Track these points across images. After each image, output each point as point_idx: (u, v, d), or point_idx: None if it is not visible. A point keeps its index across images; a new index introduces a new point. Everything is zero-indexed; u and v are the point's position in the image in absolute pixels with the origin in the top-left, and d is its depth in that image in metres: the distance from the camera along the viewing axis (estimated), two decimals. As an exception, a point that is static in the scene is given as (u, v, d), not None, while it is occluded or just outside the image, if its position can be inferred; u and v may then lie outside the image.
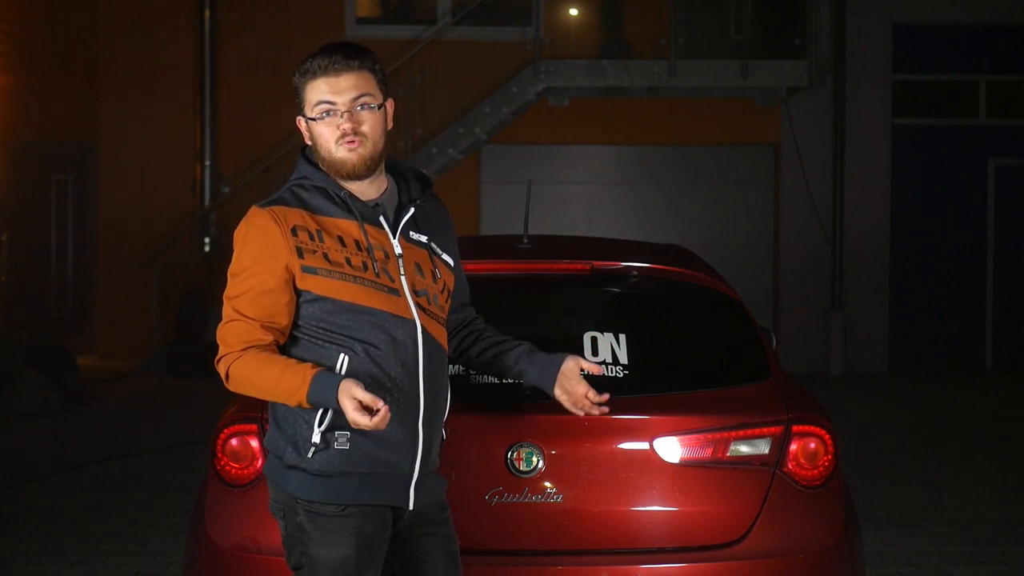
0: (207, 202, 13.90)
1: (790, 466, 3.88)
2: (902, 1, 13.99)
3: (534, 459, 3.79)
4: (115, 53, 14.08)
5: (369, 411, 2.94)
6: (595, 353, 4.01)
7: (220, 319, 3.27)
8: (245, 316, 3.10)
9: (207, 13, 13.88)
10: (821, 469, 3.92)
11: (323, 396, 2.99)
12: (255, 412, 3.90)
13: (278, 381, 3.03)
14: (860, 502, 6.61)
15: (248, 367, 3.08)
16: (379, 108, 3.13)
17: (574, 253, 4.60)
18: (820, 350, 13.90)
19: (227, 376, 3.12)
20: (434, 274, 3.23)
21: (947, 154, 14.20)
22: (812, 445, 3.91)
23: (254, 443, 3.86)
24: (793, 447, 3.89)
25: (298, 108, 3.18)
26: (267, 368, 3.05)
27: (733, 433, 3.86)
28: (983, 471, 8.64)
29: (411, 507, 3.16)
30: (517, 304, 4.29)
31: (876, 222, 14.05)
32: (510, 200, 13.08)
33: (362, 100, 3.10)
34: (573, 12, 14.44)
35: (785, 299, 14.13)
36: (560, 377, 3.34)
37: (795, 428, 3.90)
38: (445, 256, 3.29)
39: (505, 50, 13.56)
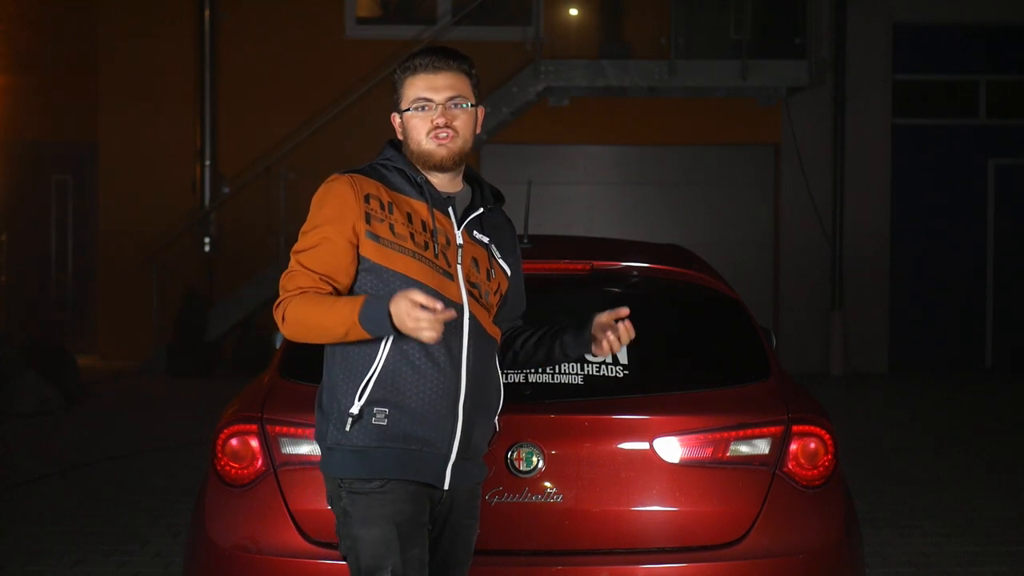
0: (207, 202, 13.90)
1: (790, 466, 3.88)
2: (902, 1, 13.99)
3: (534, 459, 3.79)
4: (115, 53, 14.08)
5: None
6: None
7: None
8: (306, 268, 3.21)
9: (207, 13, 13.87)
10: (821, 469, 3.92)
11: (375, 312, 3.06)
12: (255, 412, 3.91)
13: (329, 311, 3.12)
14: (860, 502, 6.62)
15: (302, 306, 3.17)
16: (471, 107, 3.30)
17: (574, 253, 4.61)
18: (820, 350, 13.90)
19: (283, 318, 3.20)
20: (489, 273, 3.34)
21: (947, 154, 14.19)
22: (812, 445, 3.91)
23: (254, 443, 3.87)
24: (793, 447, 3.89)
25: (394, 104, 3.34)
26: (319, 303, 3.15)
27: (733, 433, 3.86)
28: (983, 471, 8.63)
29: (446, 487, 3.24)
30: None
31: (876, 222, 14.04)
32: (510, 200, 13.00)
33: (456, 99, 3.27)
34: (573, 12, 14.44)
35: (785, 299, 14.13)
36: (596, 335, 3.37)
37: (795, 428, 3.90)
38: (503, 263, 3.40)
39: (505, 50, 13.56)
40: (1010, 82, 14.24)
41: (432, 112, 3.25)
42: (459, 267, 3.26)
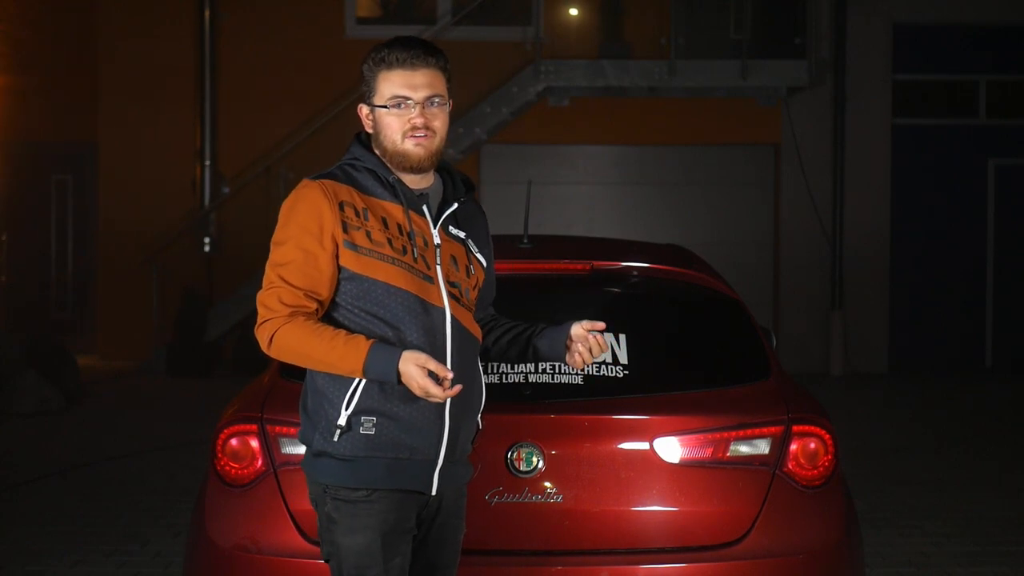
0: (207, 202, 13.90)
1: (790, 466, 3.88)
2: (902, 1, 13.99)
3: (534, 459, 3.79)
4: (115, 53, 14.08)
5: (435, 380, 3.02)
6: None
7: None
8: (289, 283, 3.11)
9: (207, 13, 13.88)
10: (821, 469, 3.92)
11: (383, 366, 3.03)
12: (255, 412, 3.90)
13: (330, 349, 3.05)
14: (860, 502, 6.62)
15: (296, 334, 3.08)
16: (446, 106, 3.22)
17: (574, 253, 4.60)
18: (820, 350, 13.90)
19: (270, 341, 3.11)
20: (468, 269, 3.29)
21: (947, 154, 14.19)
22: (812, 445, 3.91)
23: (254, 443, 3.87)
24: (793, 447, 3.89)
25: (364, 96, 3.23)
26: (317, 335, 3.07)
27: (733, 433, 3.86)
28: (983, 471, 8.63)
29: (433, 493, 3.20)
30: (517, 304, 4.29)
31: (876, 222, 14.05)
32: (510, 200, 13.07)
33: (434, 97, 3.17)
34: (573, 12, 14.44)
35: (785, 299, 14.13)
36: (571, 344, 3.31)
37: (795, 428, 3.90)
38: (479, 256, 3.35)
39: (505, 50, 13.56)
40: (1010, 82, 14.24)
41: (409, 111, 3.15)
42: (439, 268, 3.20)
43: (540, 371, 3.95)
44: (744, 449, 3.87)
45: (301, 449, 3.80)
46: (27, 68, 14.54)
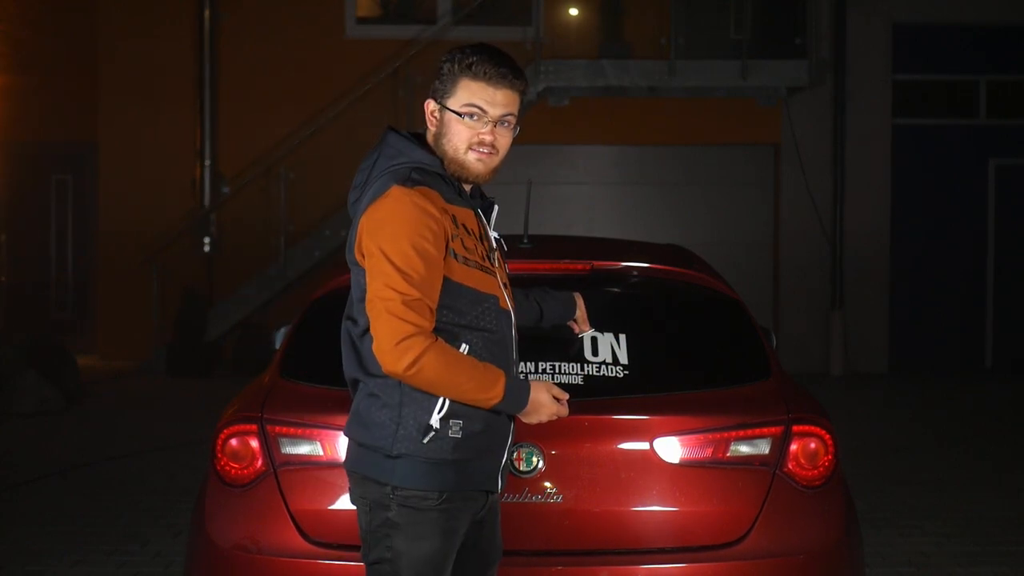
0: (207, 202, 13.90)
1: (790, 466, 3.88)
2: (902, 1, 13.99)
3: (534, 459, 3.79)
4: (115, 53, 14.08)
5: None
6: (595, 353, 4.01)
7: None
8: (423, 295, 2.99)
9: (207, 13, 13.88)
10: (821, 469, 3.92)
11: (519, 396, 3.10)
12: (255, 412, 3.91)
13: (479, 382, 3.03)
14: (860, 502, 6.62)
15: (443, 362, 2.99)
16: (516, 128, 3.21)
17: (574, 253, 4.60)
18: (820, 350, 13.90)
19: (415, 362, 2.96)
20: (505, 268, 3.34)
21: (947, 154, 14.19)
22: (812, 445, 3.91)
23: (254, 443, 3.87)
24: (793, 447, 3.89)
25: (435, 92, 3.17)
26: (460, 366, 3.02)
27: (733, 433, 3.86)
28: (983, 471, 8.63)
29: (499, 490, 3.25)
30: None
31: (876, 222, 14.04)
32: (510, 200, 13.05)
33: (507, 118, 3.16)
34: (573, 12, 14.44)
35: (785, 299, 14.13)
36: (578, 312, 3.78)
37: (795, 428, 3.90)
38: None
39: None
40: (1010, 82, 14.23)
41: (481, 125, 3.12)
42: (499, 271, 3.24)
43: (540, 372, 3.95)
44: (744, 449, 3.86)
45: (301, 449, 3.81)
46: (27, 68, 14.54)
